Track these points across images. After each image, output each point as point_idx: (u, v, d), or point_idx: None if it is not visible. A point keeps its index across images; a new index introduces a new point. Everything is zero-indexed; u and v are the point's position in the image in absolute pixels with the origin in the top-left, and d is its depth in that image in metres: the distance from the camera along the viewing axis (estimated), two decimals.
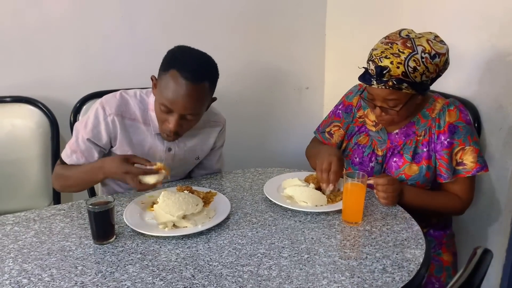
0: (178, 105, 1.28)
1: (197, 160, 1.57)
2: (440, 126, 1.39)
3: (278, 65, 2.30)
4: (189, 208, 1.20)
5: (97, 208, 1.12)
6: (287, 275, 1.00)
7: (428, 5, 1.76)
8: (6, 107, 1.69)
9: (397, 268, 1.03)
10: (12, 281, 0.99)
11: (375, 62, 1.28)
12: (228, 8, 2.08)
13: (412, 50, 1.26)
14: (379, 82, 1.29)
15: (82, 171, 1.37)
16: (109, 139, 1.41)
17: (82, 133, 1.39)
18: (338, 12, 2.28)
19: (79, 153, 1.40)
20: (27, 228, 1.22)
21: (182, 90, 1.25)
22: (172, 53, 1.33)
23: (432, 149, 1.40)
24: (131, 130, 1.42)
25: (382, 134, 1.48)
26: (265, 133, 2.39)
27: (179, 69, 1.26)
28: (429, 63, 1.26)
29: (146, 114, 1.43)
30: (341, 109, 1.61)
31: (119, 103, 1.40)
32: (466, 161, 1.37)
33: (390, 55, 1.26)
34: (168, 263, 1.05)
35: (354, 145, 1.54)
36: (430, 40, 1.29)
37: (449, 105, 1.40)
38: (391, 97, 1.31)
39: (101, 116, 1.38)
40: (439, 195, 1.42)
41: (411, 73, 1.26)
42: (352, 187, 1.22)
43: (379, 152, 1.47)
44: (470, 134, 1.37)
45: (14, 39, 1.71)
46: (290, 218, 1.27)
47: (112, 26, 1.86)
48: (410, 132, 1.43)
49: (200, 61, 1.31)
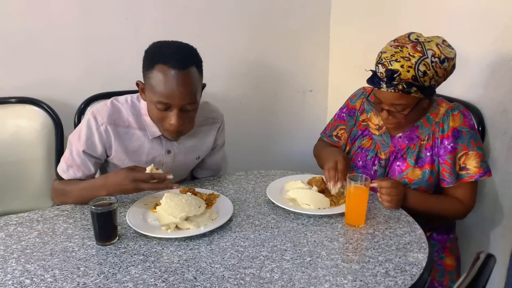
0: (175, 97, 1.27)
1: (198, 160, 1.56)
2: (443, 131, 1.38)
3: (282, 68, 2.30)
4: (192, 210, 1.20)
5: (100, 209, 1.12)
6: (289, 278, 1.00)
7: (432, 8, 1.75)
8: (10, 108, 1.70)
9: (399, 272, 1.02)
10: (15, 282, 0.99)
11: (385, 65, 1.28)
12: (232, 11, 2.09)
13: (423, 54, 1.25)
14: (389, 86, 1.29)
15: (83, 188, 1.35)
16: (104, 149, 1.40)
17: (76, 145, 1.38)
18: (342, 15, 2.28)
19: (75, 167, 1.39)
20: (30, 228, 1.22)
21: (174, 80, 1.25)
22: (150, 51, 1.33)
23: (435, 154, 1.39)
24: (126, 138, 1.41)
25: (385, 138, 1.48)
26: (268, 136, 2.39)
27: (164, 61, 1.25)
28: (438, 67, 1.26)
29: (140, 119, 1.41)
30: (345, 112, 1.61)
31: (110, 112, 1.39)
32: (470, 166, 1.36)
33: (400, 58, 1.26)
34: (170, 265, 1.05)
35: (357, 149, 1.54)
36: (440, 44, 1.29)
37: (453, 109, 1.40)
38: (399, 101, 1.31)
39: (93, 126, 1.37)
40: (442, 199, 1.41)
41: (421, 77, 1.26)
42: (355, 190, 1.22)
43: (382, 156, 1.47)
44: (473, 139, 1.37)
45: (19, 40, 1.72)
46: (292, 220, 1.27)
47: (116, 28, 1.87)
48: (414, 136, 1.43)
49: (180, 48, 1.31)
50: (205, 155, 1.59)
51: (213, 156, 1.62)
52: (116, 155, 1.41)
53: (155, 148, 1.44)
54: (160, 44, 1.33)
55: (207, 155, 1.60)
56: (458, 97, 1.65)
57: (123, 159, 1.42)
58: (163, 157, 1.47)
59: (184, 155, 1.50)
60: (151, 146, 1.44)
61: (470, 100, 1.63)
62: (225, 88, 2.16)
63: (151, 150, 1.44)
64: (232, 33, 2.12)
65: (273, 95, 2.33)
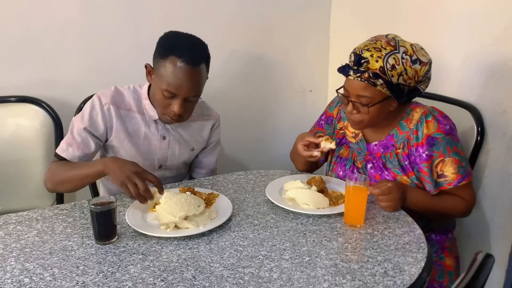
0: (183, 89, 1.34)
1: (192, 152, 1.61)
2: (418, 138, 1.36)
3: (282, 68, 2.30)
4: (191, 209, 1.20)
5: (99, 208, 1.12)
6: (288, 278, 1.00)
7: (432, 9, 1.76)
8: (10, 107, 1.70)
9: (398, 272, 1.02)
10: (14, 280, 0.99)
11: (356, 53, 1.30)
12: (232, 11, 2.09)
13: (394, 48, 1.27)
14: (355, 72, 1.29)
15: (79, 165, 1.38)
16: (105, 129, 1.45)
17: (78, 124, 1.42)
18: (343, 15, 2.28)
19: (75, 145, 1.41)
20: (30, 227, 1.22)
21: (185, 74, 1.33)
22: (166, 40, 1.39)
23: (413, 161, 1.38)
24: (126, 120, 1.47)
25: (361, 145, 1.48)
26: (268, 135, 2.39)
27: (178, 55, 1.32)
28: (408, 65, 1.27)
29: (140, 103, 1.49)
30: (324, 120, 1.62)
31: (114, 94, 1.47)
32: (447, 172, 1.35)
33: (372, 48, 1.28)
34: (169, 264, 1.05)
35: (336, 158, 1.55)
36: (414, 46, 1.30)
37: (427, 115, 1.37)
38: (364, 92, 1.31)
39: (97, 105, 1.43)
40: (444, 197, 1.40)
41: (389, 70, 1.26)
42: (354, 190, 1.22)
43: (358, 165, 1.47)
44: (449, 145, 1.34)
45: (20, 39, 1.72)
46: (291, 220, 1.27)
47: (117, 27, 1.87)
48: (389, 144, 1.42)
49: (195, 44, 1.39)
50: (199, 149, 1.63)
51: (208, 155, 1.67)
52: (116, 134, 1.46)
53: (151, 133, 1.50)
54: (177, 35, 1.40)
55: (203, 154, 1.66)
56: (458, 98, 1.65)
57: (122, 139, 1.47)
58: (158, 142, 1.51)
59: (179, 144, 1.55)
60: (148, 130, 1.50)
61: (469, 100, 1.63)
62: (225, 88, 2.16)
63: (147, 133, 1.50)
64: (232, 33, 2.12)
65: (273, 95, 2.33)
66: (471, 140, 1.58)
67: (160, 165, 1.56)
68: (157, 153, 1.53)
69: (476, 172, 1.61)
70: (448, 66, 1.71)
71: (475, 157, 1.59)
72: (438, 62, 1.72)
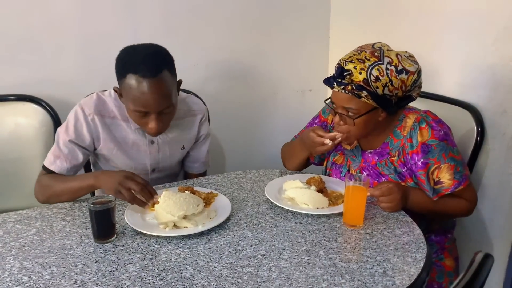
0: (151, 105, 1.28)
1: (183, 150, 1.59)
2: (412, 146, 1.35)
3: (282, 68, 2.30)
4: (190, 208, 1.20)
5: (98, 207, 1.12)
6: (287, 277, 1.00)
7: (432, 9, 1.75)
8: (9, 105, 1.70)
9: (397, 272, 1.02)
10: (13, 279, 0.99)
11: (340, 65, 1.29)
12: (231, 11, 2.08)
13: (378, 59, 1.26)
14: (339, 85, 1.29)
15: (70, 179, 1.37)
16: (92, 140, 1.42)
17: (63, 136, 1.39)
18: (342, 15, 2.28)
19: (62, 157, 1.39)
20: (29, 226, 1.22)
21: (148, 89, 1.25)
22: (120, 59, 1.32)
23: (409, 169, 1.38)
24: (112, 128, 1.44)
25: (356, 153, 1.47)
26: (267, 135, 2.38)
27: (134, 71, 1.25)
28: (393, 76, 1.25)
29: (123, 111, 1.43)
30: (317, 123, 1.61)
31: (97, 103, 1.42)
32: (443, 179, 1.33)
33: (355, 60, 1.27)
34: (168, 263, 1.05)
35: (331, 165, 1.55)
36: (401, 55, 1.28)
37: (420, 122, 1.35)
38: (349, 104, 1.30)
39: (81, 117, 1.39)
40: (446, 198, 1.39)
41: (373, 82, 1.25)
42: (353, 190, 1.21)
43: (352, 172, 1.47)
44: (444, 151, 1.33)
45: (18, 38, 1.72)
46: (291, 220, 1.27)
47: (115, 26, 1.86)
48: (384, 152, 1.41)
49: (148, 55, 1.29)
50: (190, 146, 1.61)
51: (199, 148, 1.64)
52: (104, 144, 1.44)
53: (139, 139, 1.48)
54: (128, 50, 1.33)
55: (193, 148, 1.63)
56: (458, 98, 1.65)
57: (111, 148, 1.45)
58: (147, 147, 1.49)
59: (169, 146, 1.53)
60: (135, 136, 1.47)
61: (469, 100, 1.63)
62: (225, 88, 2.16)
63: (135, 140, 1.47)
64: (232, 33, 2.12)
65: (273, 94, 2.33)
66: (471, 140, 1.58)
67: (153, 169, 1.55)
68: (148, 158, 1.51)
69: (476, 172, 1.61)
70: (448, 66, 1.71)
71: (475, 157, 1.58)
72: (438, 62, 1.73)
